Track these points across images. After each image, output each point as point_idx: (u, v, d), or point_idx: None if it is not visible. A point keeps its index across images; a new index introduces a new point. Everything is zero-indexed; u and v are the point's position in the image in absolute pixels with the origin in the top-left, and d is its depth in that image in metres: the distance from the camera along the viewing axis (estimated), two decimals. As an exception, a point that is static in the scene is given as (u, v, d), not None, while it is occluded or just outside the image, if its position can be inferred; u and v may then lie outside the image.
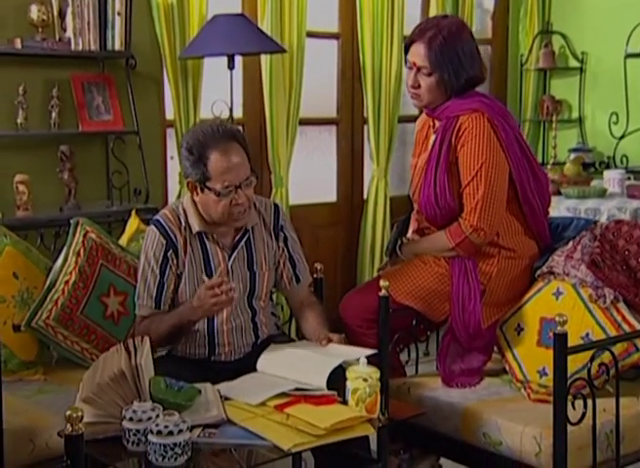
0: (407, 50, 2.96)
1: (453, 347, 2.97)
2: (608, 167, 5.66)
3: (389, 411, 2.45)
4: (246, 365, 2.71)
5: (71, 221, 3.17)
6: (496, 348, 2.98)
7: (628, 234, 2.86)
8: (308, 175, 5.04)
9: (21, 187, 3.48)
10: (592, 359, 2.49)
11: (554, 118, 5.60)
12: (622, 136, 5.68)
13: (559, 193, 4.61)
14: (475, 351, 2.97)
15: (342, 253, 5.18)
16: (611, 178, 4.75)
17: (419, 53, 2.89)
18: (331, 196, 5.17)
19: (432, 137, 3.01)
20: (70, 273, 3.05)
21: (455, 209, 2.91)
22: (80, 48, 3.65)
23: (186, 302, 2.70)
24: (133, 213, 3.45)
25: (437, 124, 3.00)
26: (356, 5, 4.91)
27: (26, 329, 2.98)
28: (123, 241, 3.37)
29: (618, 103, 5.68)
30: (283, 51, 4.03)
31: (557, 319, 2.37)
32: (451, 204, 2.90)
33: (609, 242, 2.87)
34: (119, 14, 3.71)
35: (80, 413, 1.92)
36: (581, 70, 5.90)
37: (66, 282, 3.03)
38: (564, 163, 5.31)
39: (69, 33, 3.62)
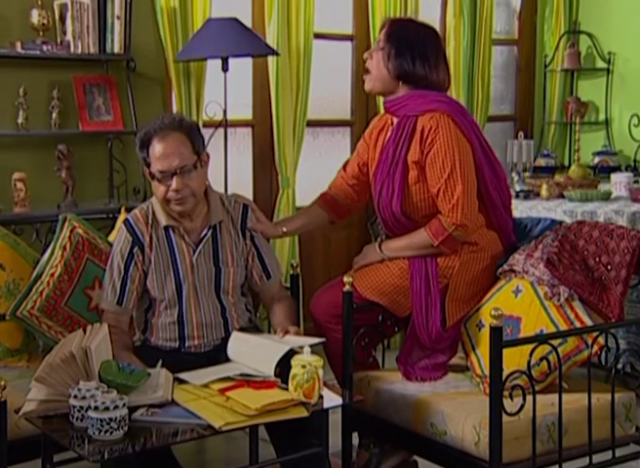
0: None
1: (415, 353, 3.00)
2: (634, 171, 5.54)
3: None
4: (215, 356, 2.82)
5: (59, 217, 3.30)
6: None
7: (588, 234, 2.88)
8: (321, 177, 5.07)
9: (19, 184, 3.63)
10: (532, 353, 2.52)
11: (577, 120, 5.54)
12: (644, 139, 5.56)
13: (562, 196, 4.54)
14: (439, 351, 3.00)
15: (356, 255, 5.17)
16: (617, 182, 4.60)
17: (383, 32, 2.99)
18: (344, 198, 5.18)
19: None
20: (56, 266, 3.17)
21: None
22: (79, 51, 3.78)
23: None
24: (122, 209, 3.55)
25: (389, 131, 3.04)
26: (369, 6, 4.93)
27: (11, 318, 3.11)
28: (112, 236, 3.48)
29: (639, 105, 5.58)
30: (275, 53, 4.10)
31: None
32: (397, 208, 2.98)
33: (570, 242, 2.88)
34: (118, 18, 3.83)
35: (3, 383, 2.18)
36: (608, 71, 5.78)
37: (52, 274, 3.15)
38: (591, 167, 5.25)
39: (69, 36, 3.76)
